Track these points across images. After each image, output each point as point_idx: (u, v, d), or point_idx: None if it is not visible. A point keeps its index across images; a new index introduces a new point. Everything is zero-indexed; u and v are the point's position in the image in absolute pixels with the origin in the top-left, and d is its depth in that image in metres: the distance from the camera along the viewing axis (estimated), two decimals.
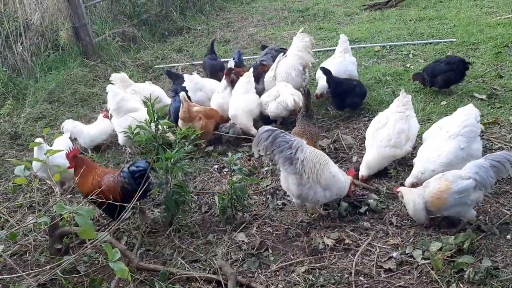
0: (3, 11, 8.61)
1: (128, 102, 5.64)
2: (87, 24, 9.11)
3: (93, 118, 6.99)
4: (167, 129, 5.61)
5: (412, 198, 3.86)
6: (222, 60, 7.70)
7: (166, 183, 4.25)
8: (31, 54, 8.48)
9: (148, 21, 10.79)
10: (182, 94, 5.79)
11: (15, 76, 8.02)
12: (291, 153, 3.83)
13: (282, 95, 5.78)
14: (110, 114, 5.73)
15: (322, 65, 6.27)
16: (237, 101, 5.79)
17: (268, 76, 6.34)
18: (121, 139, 5.63)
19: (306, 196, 3.97)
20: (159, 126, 5.20)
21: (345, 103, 5.96)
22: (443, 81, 6.09)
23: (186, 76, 6.32)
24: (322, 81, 6.24)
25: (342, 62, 6.37)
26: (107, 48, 9.28)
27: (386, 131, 4.67)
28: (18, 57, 8.28)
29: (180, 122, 5.73)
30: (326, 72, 5.93)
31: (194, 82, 6.31)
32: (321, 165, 3.92)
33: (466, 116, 4.30)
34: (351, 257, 3.77)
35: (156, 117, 5.25)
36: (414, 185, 4.25)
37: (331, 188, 4.01)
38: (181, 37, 10.57)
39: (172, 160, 4.16)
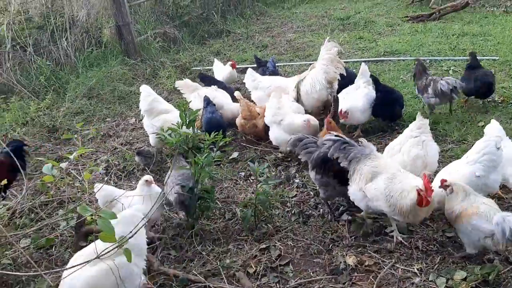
0: (50, 6, 8.92)
1: (160, 104, 5.73)
2: (130, 23, 9.33)
3: (129, 117, 7.16)
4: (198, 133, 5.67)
5: None
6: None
7: (192, 188, 4.27)
8: (75, 49, 8.77)
9: (189, 23, 10.95)
10: (237, 93, 6.09)
11: (58, 71, 8.31)
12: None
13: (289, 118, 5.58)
14: (142, 114, 5.82)
15: (340, 96, 5.85)
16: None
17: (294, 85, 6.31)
18: (152, 140, 5.72)
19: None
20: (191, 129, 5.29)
21: (391, 112, 5.89)
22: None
23: (248, 70, 6.56)
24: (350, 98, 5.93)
25: (369, 93, 5.89)
26: (148, 47, 9.47)
27: (400, 157, 4.46)
28: (62, 52, 8.58)
29: (242, 121, 5.94)
30: (375, 79, 5.89)
31: (252, 79, 6.51)
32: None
33: (486, 142, 4.07)
34: (372, 279, 3.70)
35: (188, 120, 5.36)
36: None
37: None
38: (220, 40, 10.68)
39: (200, 164, 4.20)
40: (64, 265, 3.96)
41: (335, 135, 4.24)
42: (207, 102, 5.96)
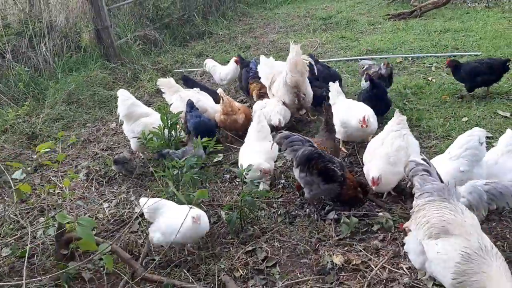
0: (28, 12, 8.75)
1: (139, 107, 5.62)
2: (110, 27, 9.18)
3: (110, 121, 7.03)
4: (180, 136, 5.58)
5: None
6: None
7: (174, 193, 4.19)
8: (54, 55, 8.60)
9: (170, 25, 10.85)
10: (220, 90, 6.07)
11: (37, 77, 8.14)
12: None
13: (269, 108, 5.83)
14: (121, 120, 5.70)
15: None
16: None
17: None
18: (133, 145, 5.61)
19: None
20: (173, 132, 5.21)
21: (386, 107, 5.93)
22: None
23: (262, 57, 6.57)
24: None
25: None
26: (128, 51, 9.34)
27: (384, 149, 4.49)
28: (41, 58, 8.40)
29: (222, 117, 5.94)
30: (370, 78, 5.92)
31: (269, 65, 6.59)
32: None
33: (469, 137, 4.08)
34: (360, 278, 3.65)
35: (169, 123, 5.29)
36: None
37: None
38: (202, 41, 10.59)
39: (182, 168, 4.12)
40: (46, 274, 3.86)
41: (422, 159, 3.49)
42: (191, 106, 5.83)
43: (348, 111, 5.29)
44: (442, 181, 3.31)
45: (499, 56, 7.45)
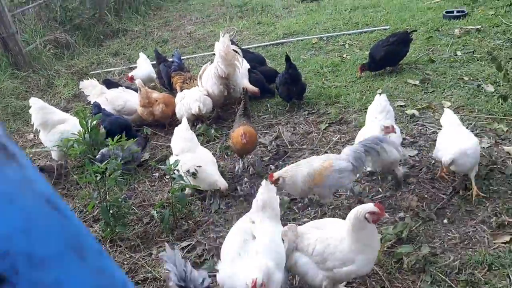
0: None
1: (54, 114, 5.39)
2: (16, 34, 8.64)
3: (26, 133, 6.67)
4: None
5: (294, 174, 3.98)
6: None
7: (99, 198, 4.09)
8: None
9: (82, 26, 10.38)
10: (138, 81, 5.99)
11: None
12: None
13: (188, 98, 5.78)
14: (37, 129, 5.43)
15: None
16: None
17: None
18: (54, 154, 5.37)
19: None
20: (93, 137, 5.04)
21: (302, 89, 6.02)
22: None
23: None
24: None
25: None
26: (39, 57, 8.84)
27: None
28: None
29: (140, 109, 5.91)
30: (287, 57, 5.95)
31: None
32: None
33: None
34: None
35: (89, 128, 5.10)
36: None
37: None
38: (117, 40, 10.25)
39: (105, 172, 4.01)
40: None
41: None
42: (98, 107, 5.60)
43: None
44: None
45: (405, 28, 7.86)
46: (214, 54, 5.99)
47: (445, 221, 3.93)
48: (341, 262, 3.05)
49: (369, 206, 3.04)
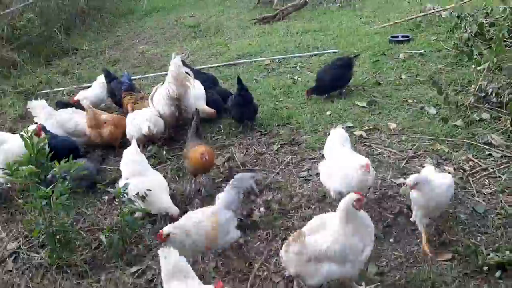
0: None
1: None
2: None
3: None
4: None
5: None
6: None
7: (44, 223, 3.94)
8: None
9: (30, 44, 10.09)
10: (85, 102, 5.94)
11: None
12: None
13: (138, 119, 5.73)
14: None
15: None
16: None
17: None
18: None
19: None
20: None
21: (254, 111, 6.08)
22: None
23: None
24: None
25: None
26: None
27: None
28: None
29: (87, 130, 5.81)
30: (238, 79, 6.00)
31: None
32: None
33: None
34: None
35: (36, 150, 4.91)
36: None
37: None
38: (67, 58, 10.04)
39: (51, 197, 3.88)
40: None
41: None
42: (43, 129, 5.38)
43: None
44: None
45: (353, 51, 8.15)
46: (165, 74, 5.98)
47: (391, 239, 4.06)
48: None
49: (353, 195, 3.35)
